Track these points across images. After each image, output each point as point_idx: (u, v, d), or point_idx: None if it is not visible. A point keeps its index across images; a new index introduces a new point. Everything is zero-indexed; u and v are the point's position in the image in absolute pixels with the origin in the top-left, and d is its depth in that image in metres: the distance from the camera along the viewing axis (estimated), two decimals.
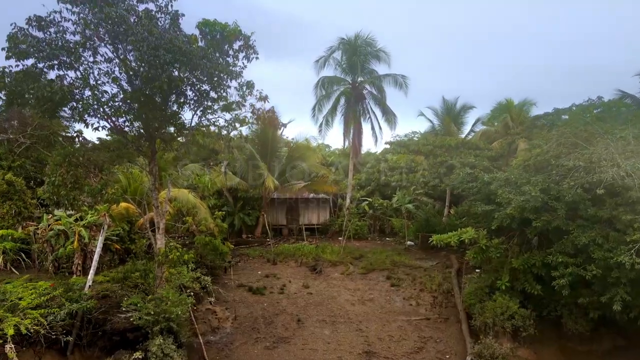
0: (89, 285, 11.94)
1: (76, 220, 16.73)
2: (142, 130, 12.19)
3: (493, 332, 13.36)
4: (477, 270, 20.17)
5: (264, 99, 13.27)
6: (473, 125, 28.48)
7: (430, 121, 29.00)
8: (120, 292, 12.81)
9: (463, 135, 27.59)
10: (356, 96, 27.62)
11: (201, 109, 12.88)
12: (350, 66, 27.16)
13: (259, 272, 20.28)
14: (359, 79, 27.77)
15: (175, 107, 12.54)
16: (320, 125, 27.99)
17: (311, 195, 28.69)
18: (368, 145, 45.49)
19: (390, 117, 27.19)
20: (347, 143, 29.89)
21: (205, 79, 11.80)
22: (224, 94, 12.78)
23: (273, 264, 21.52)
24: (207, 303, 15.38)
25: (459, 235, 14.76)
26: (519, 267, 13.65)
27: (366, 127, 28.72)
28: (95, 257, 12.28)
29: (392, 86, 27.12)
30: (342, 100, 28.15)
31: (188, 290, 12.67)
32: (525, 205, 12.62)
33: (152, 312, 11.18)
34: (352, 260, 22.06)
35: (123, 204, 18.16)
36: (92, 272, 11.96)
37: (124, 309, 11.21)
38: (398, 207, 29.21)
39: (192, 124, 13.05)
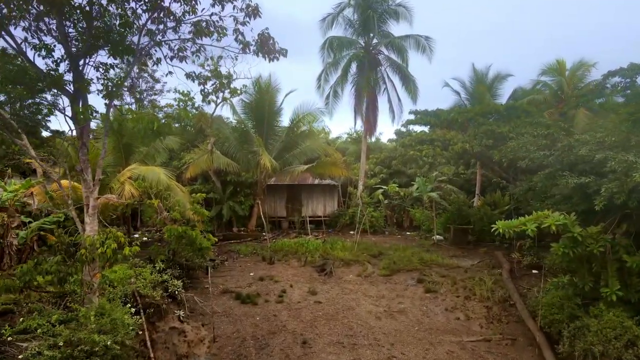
0: None
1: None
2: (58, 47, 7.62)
3: None
4: (534, 271, 15.72)
5: (254, 12, 8.74)
6: (509, 98, 23.86)
7: (457, 93, 24.40)
8: (33, 306, 8.29)
9: None
10: (370, 61, 23.00)
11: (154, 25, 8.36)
12: (363, 25, 22.51)
13: (252, 274, 15.72)
14: (374, 41, 23.14)
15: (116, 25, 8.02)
16: (327, 97, 23.39)
17: (316, 181, 24.12)
18: (382, 127, 40.56)
19: (410, 86, 22.55)
20: (358, 121, 25.23)
21: None
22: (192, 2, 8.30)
23: (270, 264, 16.97)
24: (174, 319, 10.81)
25: (536, 220, 10.18)
26: (635, 267, 9.14)
27: (381, 101, 24.15)
28: None
29: (414, 50, 22.55)
30: (354, 68, 23.53)
31: (128, 306, 8.11)
32: None
33: (62, 344, 6.64)
34: (370, 258, 17.54)
35: (65, 182, 13.68)
36: None
37: (8, 339, 6.64)
38: (418, 196, 24.79)
39: (141, 46, 8.49)
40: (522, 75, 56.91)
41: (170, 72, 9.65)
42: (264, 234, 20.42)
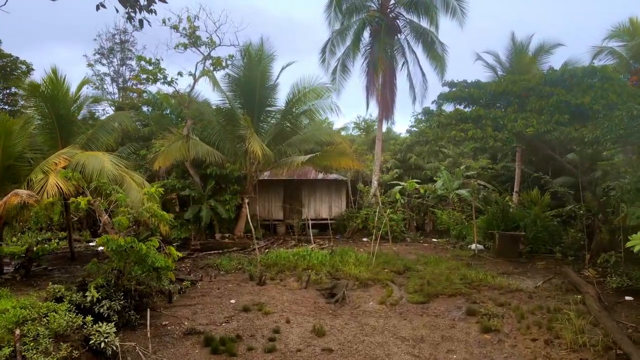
0: None
1: None
2: None
3: None
4: (627, 298, 11.36)
5: None
6: None
7: (492, 69, 20.07)
8: None
9: None
10: (387, 27, 18.59)
11: None
12: None
13: (233, 301, 11.32)
14: (391, 2, 18.77)
15: None
16: (334, 72, 19.07)
17: (320, 176, 19.75)
18: (398, 115, 36.04)
19: (437, 55, 18.15)
20: (372, 102, 20.83)
21: None
22: None
23: (259, 284, 12.57)
24: None
25: None
26: None
27: (399, 79, 19.80)
28: None
29: (442, 13, 18.18)
30: (367, 36, 19.15)
31: None
32: None
33: None
34: (394, 276, 13.18)
35: None
36: None
37: None
38: (443, 194, 20.52)
39: None
40: (574, 47, 50.24)
41: None
42: (255, 241, 16.06)
